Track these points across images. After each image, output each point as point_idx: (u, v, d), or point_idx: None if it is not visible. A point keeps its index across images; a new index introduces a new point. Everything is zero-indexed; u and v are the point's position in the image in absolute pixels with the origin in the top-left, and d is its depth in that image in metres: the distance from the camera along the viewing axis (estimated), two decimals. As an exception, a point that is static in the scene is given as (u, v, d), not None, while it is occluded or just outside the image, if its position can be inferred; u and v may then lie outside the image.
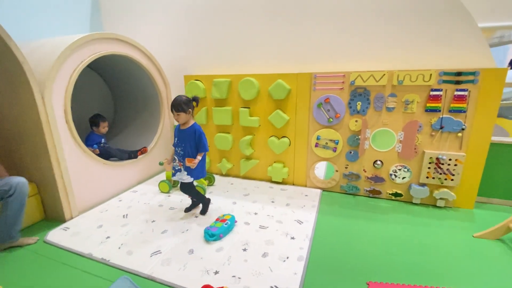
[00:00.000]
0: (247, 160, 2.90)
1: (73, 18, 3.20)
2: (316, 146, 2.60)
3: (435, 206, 2.34)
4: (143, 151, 2.95)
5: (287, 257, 1.70)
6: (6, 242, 1.83)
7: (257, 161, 2.88)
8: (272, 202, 2.45)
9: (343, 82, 2.39)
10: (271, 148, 2.72)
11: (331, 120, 2.47)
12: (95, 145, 2.74)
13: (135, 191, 2.72)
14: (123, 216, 2.24)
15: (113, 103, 3.59)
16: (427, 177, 2.28)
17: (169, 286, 1.51)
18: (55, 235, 1.98)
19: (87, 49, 2.25)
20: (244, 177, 3.01)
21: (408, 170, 2.36)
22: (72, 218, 2.21)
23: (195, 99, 2.04)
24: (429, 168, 2.27)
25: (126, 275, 1.57)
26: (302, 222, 2.10)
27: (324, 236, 1.95)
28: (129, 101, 3.44)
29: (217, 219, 2.04)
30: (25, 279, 1.58)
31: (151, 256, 1.73)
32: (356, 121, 2.41)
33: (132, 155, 2.87)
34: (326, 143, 2.56)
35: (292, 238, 1.91)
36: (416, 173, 2.35)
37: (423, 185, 2.34)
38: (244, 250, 1.78)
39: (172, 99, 2.00)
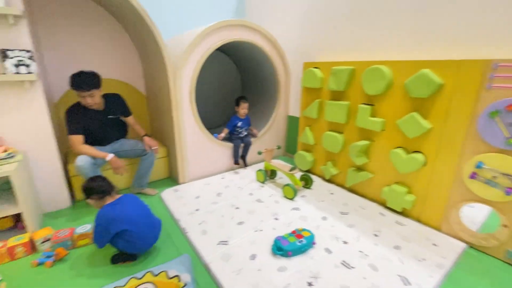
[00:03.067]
0: (357, 171, 2.32)
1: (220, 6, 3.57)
2: (472, 177, 1.66)
3: None
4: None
5: (362, 326, 1.19)
6: (137, 188, 2.39)
7: (371, 175, 2.24)
8: (376, 235, 1.83)
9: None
10: (394, 163, 2.01)
11: (513, 141, 1.47)
12: (215, 134, 2.73)
13: (238, 172, 2.85)
14: (217, 194, 2.38)
15: (241, 86, 3.88)
16: None
17: (215, 283, 1.43)
18: (167, 193, 2.39)
19: (215, 36, 2.43)
20: (350, 190, 2.45)
21: None
22: (183, 183, 2.60)
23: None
24: None
25: (189, 254, 1.63)
26: (411, 284, 1.42)
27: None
28: (253, 86, 3.58)
29: (293, 232, 1.75)
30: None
31: (218, 244, 1.72)
32: None
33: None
34: (495, 177, 1.58)
35: (383, 300, 1.32)
36: None
37: None
38: (310, 285, 1.41)
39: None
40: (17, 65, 1.71)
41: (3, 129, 1.81)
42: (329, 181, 2.64)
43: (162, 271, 1.49)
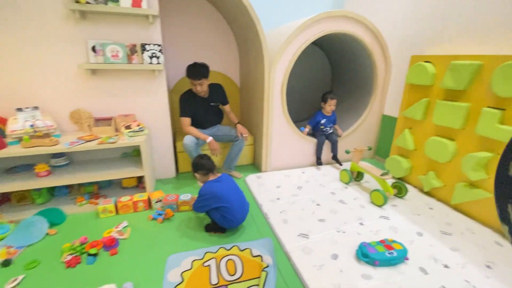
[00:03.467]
0: (469, 187, 1.93)
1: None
2: None
3: None
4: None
5: None
6: (226, 170, 2.63)
7: (487, 195, 1.83)
8: (488, 267, 1.50)
9: None
10: (530, 185, 1.58)
11: None
12: (302, 128, 2.74)
13: (319, 169, 2.79)
14: (298, 187, 2.40)
15: (330, 80, 3.73)
16: None
17: (295, 272, 1.46)
18: (251, 179, 2.55)
19: (315, 28, 2.39)
20: (455, 208, 2.07)
21: None
22: (265, 171, 2.72)
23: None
24: None
25: (272, 238, 1.71)
26: None
27: None
28: (345, 79, 3.38)
29: (382, 241, 1.61)
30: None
31: (298, 235, 1.74)
32: None
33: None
34: None
35: None
36: None
37: None
38: (399, 301, 1.28)
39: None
40: (151, 57, 2.10)
41: (135, 108, 2.27)
42: (428, 193, 2.29)
43: (247, 248, 1.62)
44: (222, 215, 1.66)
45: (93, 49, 1.98)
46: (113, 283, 1.30)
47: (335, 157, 2.84)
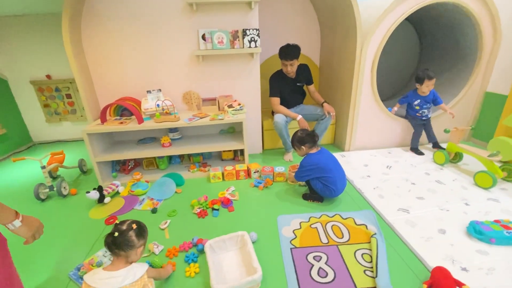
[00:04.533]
0: None
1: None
2: None
3: None
4: None
5: None
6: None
7: None
8: None
9: None
10: None
11: None
12: (389, 108, 2.62)
13: (407, 150, 2.70)
14: (387, 166, 2.39)
15: (418, 53, 3.44)
16: None
17: (403, 241, 1.52)
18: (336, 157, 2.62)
19: (411, 0, 2.24)
20: None
21: None
22: (349, 150, 2.76)
23: None
24: None
25: (371, 211, 1.80)
26: None
27: None
28: (438, 54, 3.09)
29: (497, 221, 1.54)
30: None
31: (398, 210, 1.78)
32: None
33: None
34: None
35: None
36: None
37: None
38: (526, 278, 1.25)
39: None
40: (249, 41, 2.30)
41: (233, 89, 2.53)
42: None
43: (350, 217, 1.74)
44: (325, 184, 1.80)
45: (203, 37, 2.26)
46: (243, 231, 1.57)
47: (436, 144, 2.61)
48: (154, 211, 1.90)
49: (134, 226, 1.11)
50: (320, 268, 1.36)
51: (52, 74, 3.15)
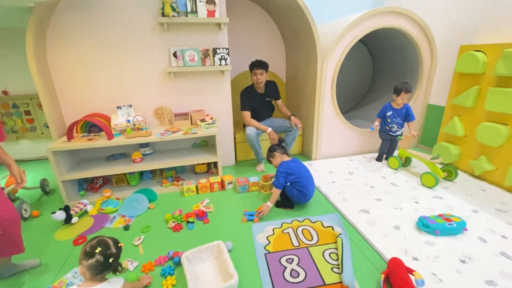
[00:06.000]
0: (524, 168, 2.04)
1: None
2: None
3: None
4: None
5: (533, 310, 1.19)
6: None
7: (546, 176, 1.92)
8: (549, 238, 1.63)
9: None
10: None
11: None
12: (372, 128, 2.68)
13: (366, 157, 2.98)
14: (349, 172, 2.61)
15: (372, 72, 3.86)
16: None
17: (364, 239, 1.69)
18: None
19: (364, 24, 2.57)
20: (508, 190, 2.17)
21: None
22: (316, 159, 2.96)
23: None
24: None
25: (337, 214, 1.96)
26: None
27: None
28: (389, 72, 3.50)
29: (440, 215, 1.79)
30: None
31: (359, 211, 1.97)
32: None
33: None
34: None
35: (562, 298, 1.24)
36: None
37: None
38: (462, 262, 1.47)
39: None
40: (220, 59, 2.42)
41: (205, 103, 2.61)
42: (479, 177, 2.40)
43: (318, 220, 1.88)
44: (299, 190, 1.95)
45: (174, 54, 2.34)
46: (218, 241, 1.62)
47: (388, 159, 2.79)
48: (126, 228, 1.87)
49: (113, 248, 1.12)
50: (292, 269, 1.46)
51: (9, 90, 2.96)
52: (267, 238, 1.72)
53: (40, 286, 1.40)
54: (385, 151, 2.86)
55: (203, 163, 2.60)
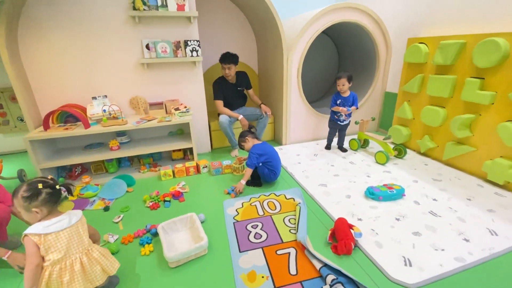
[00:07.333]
0: (457, 144, 2.39)
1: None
2: None
3: None
4: None
5: (443, 249, 1.50)
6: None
7: (473, 149, 2.28)
8: (469, 199, 1.97)
9: None
10: (501, 137, 2.03)
11: None
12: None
13: (332, 140, 3.26)
14: (314, 154, 2.89)
15: (338, 63, 4.15)
16: None
17: (319, 206, 1.96)
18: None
19: (324, 19, 2.81)
20: (446, 163, 2.53)
21: None
22: (286, 144, 3.21)
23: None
24: None
25: (299, 188, 2.22)
26: (498, 235, 1.60)
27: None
28: (352, 63, 3.80)
29: (384, 184, 2.09)
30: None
31: (318, 185, 2.23)
32: None
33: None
34: None
35: (467, 240, 1.57)
36: None
37: None
38: (397, 219, 1.77)
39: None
40: (191, 51, 2.57)
41: (179, 93, 2.76)
42: (424, 154, 2.75)
43: (282, 194, 2.13)
44: (269, 169, 2.19)
45: (147, 46, 2.46)
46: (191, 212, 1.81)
47: (341, 148, 2.99)
48: (106, 209, 2.02)
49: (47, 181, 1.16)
50: (256, 233, 1.69)
51: (-22, 83, 2.94)
52: (236, 210, 1.94)
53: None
54: (332, 140, 3.00)
55: (180, 150, 2.77)
